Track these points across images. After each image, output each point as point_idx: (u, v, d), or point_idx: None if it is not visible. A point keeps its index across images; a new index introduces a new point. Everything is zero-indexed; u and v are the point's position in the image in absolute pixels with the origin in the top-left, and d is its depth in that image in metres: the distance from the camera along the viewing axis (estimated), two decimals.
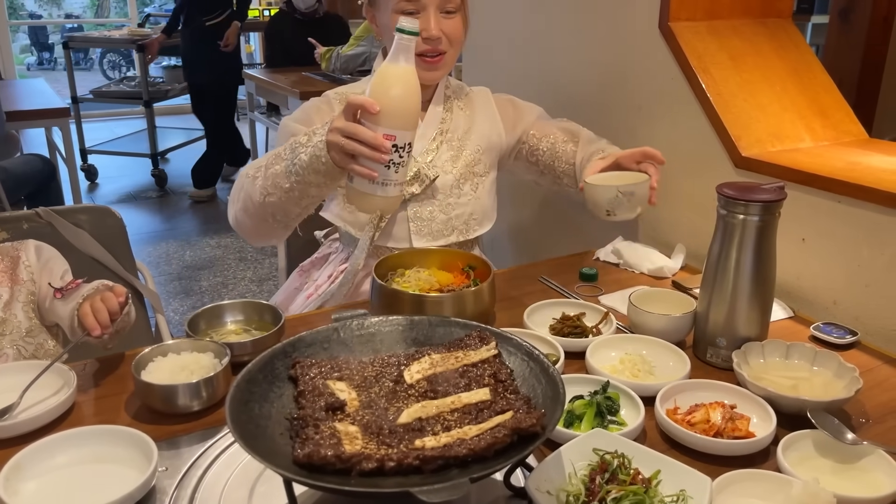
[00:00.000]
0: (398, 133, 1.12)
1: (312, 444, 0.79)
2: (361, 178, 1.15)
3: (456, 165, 1.56)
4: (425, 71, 1.46)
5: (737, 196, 1.16)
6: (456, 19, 1.46)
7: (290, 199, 1.30)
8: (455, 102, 1.61)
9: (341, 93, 1.57)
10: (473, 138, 1.59)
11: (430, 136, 1.56)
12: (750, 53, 1.66)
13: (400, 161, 1.14)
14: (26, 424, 1.00)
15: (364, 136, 1.12)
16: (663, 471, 0.91)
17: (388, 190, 1.16)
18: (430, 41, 1.43)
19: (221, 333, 1.25)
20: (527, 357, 0.96)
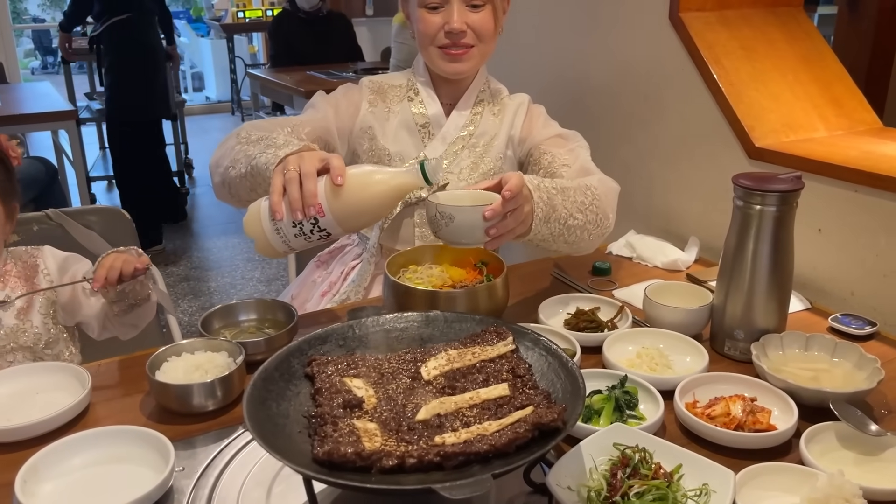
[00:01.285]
0: (329, 221, 1.07)
1: (332, 442, 0.78)
2: (267, 209, 1.10)
3: (474, 174, 1.50)
4: (448, 63, 1.43)
5: (753, 186, 1.14)
6: (484, 13, 1.41)
7: (243, 185, 1.28)
8: (488, 107, 1.54)
9: (376, 81, 1.55)
10: (497, 146, 1.52)
11: (449, 139, 1.51)
12: (761, 43, 1.64)
13: (307, 234, 1.09)
14: (42, 426, 0.99)
15: (307, 187, 1.06)
16: (685, 465, 0.90)
17: (274, 238, 1.10)
18: (452, 35, 1.40)
19: (235, 332, 1.24)
20: (545, 352, 0.94)
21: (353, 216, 1.10)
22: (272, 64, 4.98)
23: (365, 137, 1.51)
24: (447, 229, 1.09)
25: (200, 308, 3.55)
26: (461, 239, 1.11)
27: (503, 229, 1.10)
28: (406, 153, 1.51)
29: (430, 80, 1.52)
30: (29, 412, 1.02)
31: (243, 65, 7.99)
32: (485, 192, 1.12)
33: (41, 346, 1.27)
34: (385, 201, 1.10)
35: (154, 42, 4.12)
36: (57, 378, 1.12)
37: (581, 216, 1.24)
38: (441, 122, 1.51)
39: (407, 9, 1.49)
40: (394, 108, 1.52)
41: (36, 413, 1.01)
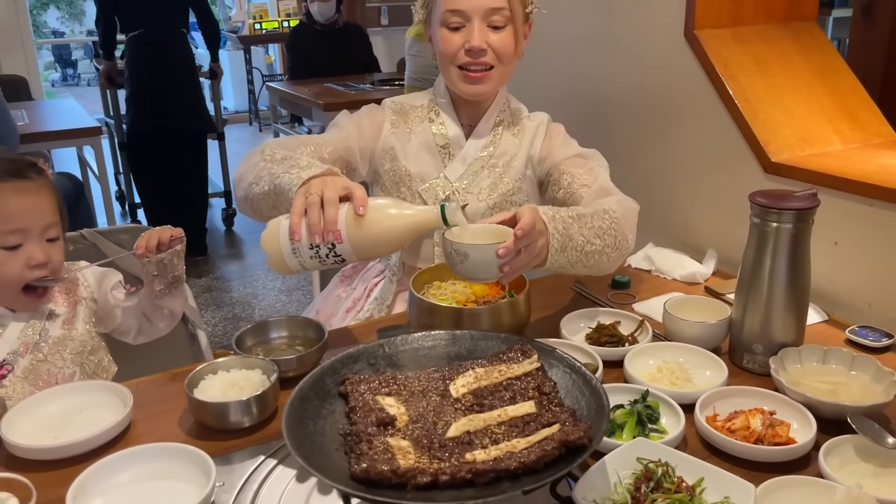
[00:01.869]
0: (346, 249, 1.12)
1: (368, 460, 0.82)
2: (287, 228, 1.14)
3: (493, 194, 1.51)
4: (467, 85, 1.45)
5: (770, 204, 1.17)
6: (504, 34, 1.42)
7: (265, 202, 1.32)
8: (507, 127, 1.55)
9: (398, 102, 1.58)
10: (516, 166, 1.53)
11: (469, 160, 1.53)
12: (776, 58, 1.67)
13: (323, 258, 1.13)
14: (88, 443, 1.04)
15: (329, 212, 1.10)
16: (706, 478, 0.93)
17: (292, 262, 1.15)
18: (472, 53, 1.42)
19: (267, 349, 1.29)
20: (569, 369, 0.98)
21: (370, 247, 1.14)
22: (290, 76, 5.04)
23: (387, 158, 1.55)
24: (462, 266, 1.12)
25: (223, 319, 3.61)
26: (476, 275, 1.13)
27: (517, 265, 1.11)
28: (427, 174, 1.54)
29: (450, 100, 1.55)
30: (74, 430, 1.06)
31: (260, 76, 8.09)
32: (500, 228, 1.14)
33: (86, 353, 1.33)
34: (402, 236, 1.14)
35: (173, 56, 4.05)
36: (98, 396, 1.16)
37: (599, 241, 1.26)
38: (461, 143, 1.54)
39: (429, 30, 1.52)
40: (415, 128, 1.56)
41: (80, 431, 1.05)
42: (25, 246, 1.22)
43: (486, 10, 1.40)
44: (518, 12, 1.43)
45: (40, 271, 1.23)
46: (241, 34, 7.46)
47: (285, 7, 7.70)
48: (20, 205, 1.21)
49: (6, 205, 1.20)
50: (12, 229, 1.20)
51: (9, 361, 1.24)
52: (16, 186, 1.21)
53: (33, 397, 1.14)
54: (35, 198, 1.23)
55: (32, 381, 1.25)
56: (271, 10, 7.82)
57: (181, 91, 4.08)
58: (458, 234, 1.15)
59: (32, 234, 1.23)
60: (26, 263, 1.22)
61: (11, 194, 1.20)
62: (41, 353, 1.27)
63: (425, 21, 1.53)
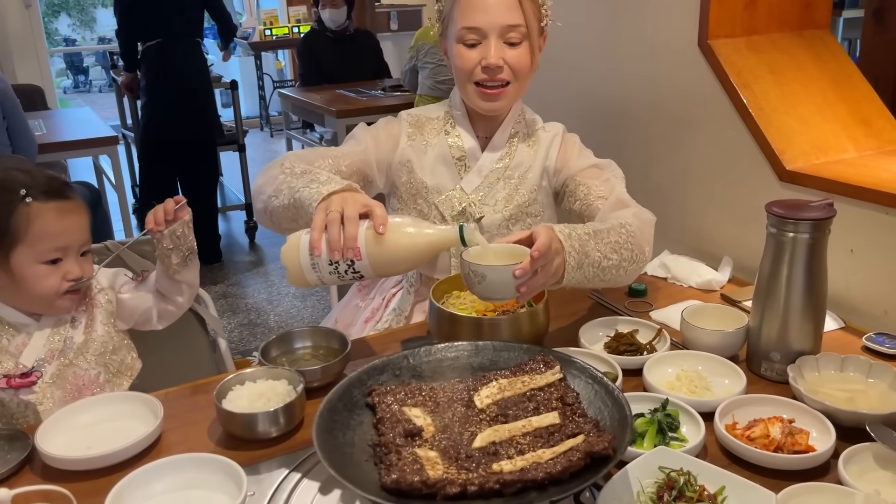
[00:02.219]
0: (364, 265, 1.14)
1: (398, 471, 0.84)
2: (307, 243, 1.16)
3: (509, 205, 1.53)
4: (484, 101, 1.47)
5: (786, 215, 1.19)
6: (520, 50, 1.44)
7: (284, 215, 1.35)
8: (523, 139, 1.57)
9: (414, 114, 1.60)
10: (532, 177, 1.55)
11: (485, 172, 1.55)
12: (789, 66, 1.68)
13: (341, 273, 1.15)
14: (122, 454, 1.06)
15: (349, 230, 1.12)
16: (727, 487, 0.95)
17: (309, 272, 1.17)
18: (489, 70, 1.43)
19: (292, 359, 1.31)
20: (591, 380, 1.00)
21: (388, 264, 1.16)
22: (301, 82, 5.07)
23: (403, 170, 1.57)
24: (480, 287, 1.13)
25: (239, 325, 3.64)
26: (494, 295, 1.15)
27: (533, 286, 1.13)
28: (443, 186, 1.56)
29: (466, 113, 1.57)
30: (107, 440, 1.09)
31: (271, 81, 8.14)
32: (517, 247, 1.16)
33: (108, 353, 1.37)
34: (420, 255, 1.16)
35: (187, 66, 4.08)
36: (128, 407, 1.19)
37: (616, 256, 1.28)
38: (477, 155, 1.56)
39: (444, 44, 1.54)
40: (431, 140, 1.57)
41: (113, 441, 1.08)
42: (64, 261, 1.28)
43: (502, 28, 1.41)
44: (534, 27, 1.45)
45: (74, 284, 1.29)
46: (252, 40, 7.51)
47: (295, 13, 7.75)
48: (63, 225, 1.26)
49: (51, 225, 1.25)
50: (55, 247, 1.26)
51: (37, 368, 1.28)
52: (59, 207, 1.26)
53: (66, 409, 1.17)
54: (75, 217, 1.29)
55: (60, 386, 1.29)
56: (281, 15, 7.87)
57: (194, 101, 4.12)
58: (476, 254, 1.16)
59: (71, 251, 1.29)
60: (64, 277, 1.27)
61: (56, 214, 1.25)
62: (66, 359, 1.31)
63: (441, 35, 1.54)
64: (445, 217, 1.54)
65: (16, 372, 1.26)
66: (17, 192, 1.22)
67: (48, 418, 1.14)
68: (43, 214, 1.24)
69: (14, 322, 1.29)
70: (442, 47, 1.56)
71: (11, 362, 1.26)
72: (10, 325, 1.28)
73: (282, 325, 3.64)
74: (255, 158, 5.96)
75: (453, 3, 1.46)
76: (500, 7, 1.41)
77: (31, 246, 1.24)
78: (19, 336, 1.28)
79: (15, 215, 1.22)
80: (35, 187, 1.24)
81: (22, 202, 1.22)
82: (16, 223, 1.23)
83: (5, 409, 1.25)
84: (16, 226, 1.23)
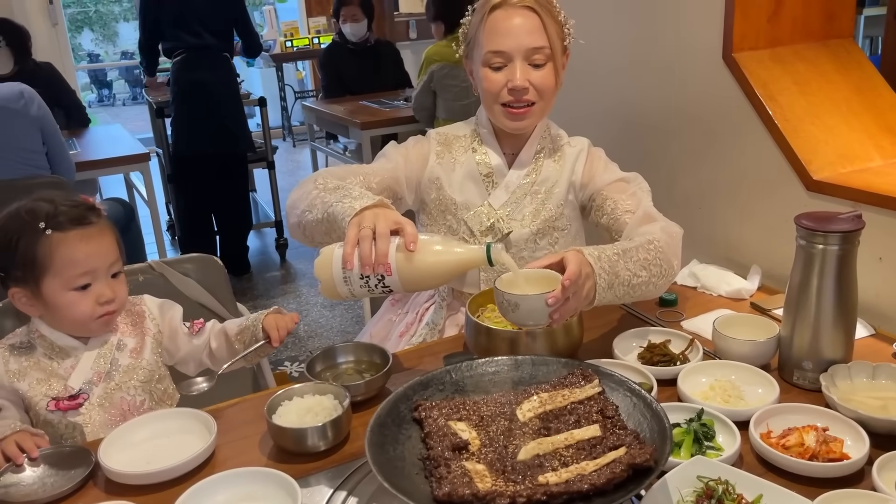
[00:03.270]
0: (394, 281, 1.18)
1: (448, 484, 0.89)
2: (340, 257, 1.20)
3: (536, 220, 1.56)
4: (510, 121, 1.51)
5: (815, 227, 1.22)
6: (545, 71, 1.47)
7: (318, 229, 1.39)
8: (549, 154, 1.60)
9: (442, 133, 1.64)
10: (558, 192, 1.57)
11: (512, 187, 1.58)
12: (814, 77, 1.71)
13: (372, 287, 1.20)
14: (181, 468, 1.11)
15: (380, 246, 1.16)
16: (765, 495, 0.98)
17: (341, 285, 1.21)
18: (515, 92, 1.46)
19: (336, 374, 1.36)
20: (629, 393, 1.04)
21: (417, 280, 1.20)
22: (324, 94, 5.14)
23: (433, 187, 1.61)
24: (514, 314, 1.18)
25: None
26: (527, 322, 1.20)
27: (566, 312, 1.18)
28: (471, 202, 1.59)
29: (492, 130, 1.60)
30: (165, 456, 1.14)
31: (293, 92, 8.23)
32: (548, 273, 1.20)
33: (154, 381, 1.41)
34: (449, 273, 1.21)
35: (216, 80, 4.09)
36: (183, 423, 1.24)
37: (645, 273, 1.31)
38: (504, 171, 1.59)
39: (470, 66, 1.57)
40: (459, 158, 1.61)
41: (171, 456, 1.13)
42: (94, 285, 1.30)
43: (527, 51, 1.45)
44: (557, 47, 1.48)
45: (108, 306, 1.32)
46: (273, 52, 7.60)
47: (315, 24, 7.84)
48: (87, 250, 1.29)
49: (74, 252, 1.28)
50: (81, 273, 1.29)
51: (84, 390, 1.33)
52: (81, 234, 1.29)
53: (125, 425, 1.22)
54: (99, 241, 1.31)
55: (107, 409, 1.33)
56: (301, 27, 7.96)
57: (222, 115, 4.14)
58: (508, 282, 1.21)
59: (100, 274, 1.31)
60: (96, 301, 1.30)
61: (78, 241, 1.28)
62: (113, 382, 1.35)
63: (466, 56, 1.58)
64: (474, 232, 1.58)
65: (64, 395, 1.31)
66: (38, 224, 1.26)
67: (109, 435, 1.19)
68: (65, 243, 1.27)
69: (63, 346, 1.34)
70: (467, 68, 1.60)
71: (61, 385, 1.31)
72: (60, 348, 1.34)
73: (311, 335, 3.70)
74: (280, 169, 6.03)
75: (479, 26, 1.49)
76: (525, 30, 1.45)
77: (57, 275, 1.28)
78: (68, 360, 1.33)
79: (39, 247, 1.26)
80: (56, 216, 1.28)
81: (43, 234, 1.26)
82: (41, 255, 1.27)
83: (54, 429, 1.31)
84: (41, 257, 1.27)
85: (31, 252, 1.27)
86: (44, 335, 1.34)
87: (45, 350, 1.33)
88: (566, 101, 2.32)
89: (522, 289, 1.19)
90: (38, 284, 1.29)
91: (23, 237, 1.27)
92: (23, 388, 1.30)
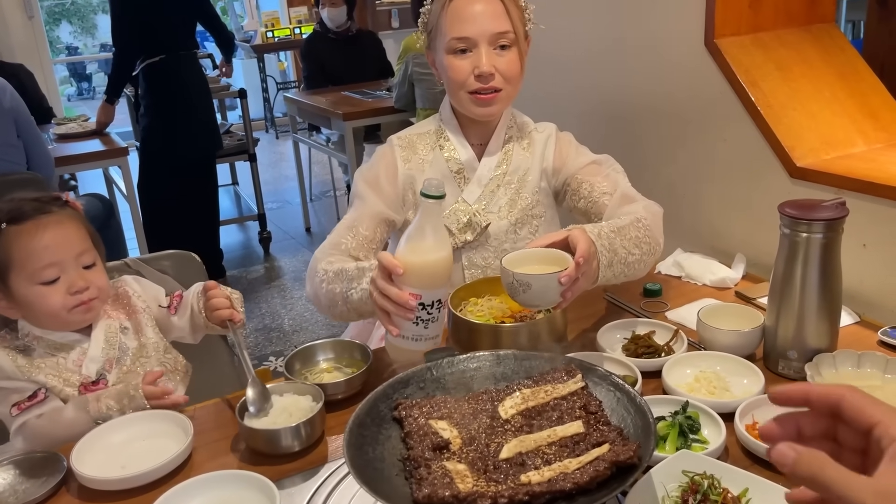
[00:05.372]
0: (424, 293, 1.16)
1: (429, 485, 0.86)
2: (388, 334, 1.20)
3: (513, 210, 1.55)
4: (478, 107, 1.48)
5: (799, 215, 1.20)
6: (510, 55, 1.46)
7: (353, 315, 1.38)
8: (517, 143, 1.58)
9: (403, 136, 1.60)
10: (531, 180, 1.56)
11: (484, 181, 1.56)
12: (797, 62, 1.69)
13: (429, 317, 1.18)
14: (156, 472, 1.09)
15: (391, 294, 1.15)
16: (751, 489, 0.97)
17: (419, 344, 1.20)
18: (482, 78, 1.44)
19: (315, 372, 1.33)
20: (613, 387, 1.02)
21: (433, 275, 1.17)
22: (306, 85, 5.09)
23: (409, 190, 1.56)
24: (524, 295, 1.15)
25: (254, 330, 3.67)
26: (538, 303, 1.17)
27: (577, 290, 1.16)
28: (446, 201, 1.56)
29: (457, 124, 1.57)
30: (140, 460, 1.11)
31: (274, 83, 8.16)
32: (556, 252, 1.18)
33: (162, 353, 1.41)
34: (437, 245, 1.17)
35: (192, 80, 3.94)
36: (159, 425, 1.21)
37: (637, 251, 1.30)
38: (474, 165, 1.56)
39: (432, 56, 1.54)
40: (426, 157, 1.57)
41: (145, 460, 1.10)
42: (63, 277, 1.27)
43: (492, 36, 1.43)
44: (520, 32, 1.46)
45: (81, 295, 1.28)
46: (254, 43, 7.53)
47: (296, 14, 7.77)
48: (46, 240, 1.25)
49: (32, 243, 1.25)
50: (45, 265, 1.25)
51: (101, 378, 1.31)
52: (37, 223, 1.26)
53: (98, 429, 1.19)
54: (58, 230, 1.27)
55: None
56: (282, 17, 7.88)
57: (199, 116, 3.98)
58: (515, 261, 1.18)
59: (67, 264, 1.27)
60: (67, 291, 1.26)
61: (34, 232, 1.25)
62: (125, 366, 1.33)
63: (427, 47, 1.55)
64: (452, 230, 1.55)
65: (88, 380, 1.29)
66: None
67: (80, 440, 1.16)
68: (21, 235, 1.24)
69: (62, 342, 1.31)
70: (429, 59, 1.56)
71: (77, 375, 1.29)
72: (61, 345, 1.30)
73: (296, 330, 3.67)
74: (262, 161, 5.98)
75: (440, 14, 1.46)
76: (488, 16, 1.43)
77: (21, 269, 1.25)
78: (73, 353, 1.31)
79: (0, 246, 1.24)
80: (12, 211, 1.25)
81: (1, 231, 1.24)
82: (1, 252, 1.24)
83: None
84: (2, 254, 1.24)
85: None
86: (38, 336, 1.30)
87: (45, 349, 1.30)
88: (543, 88, 2.30)
89: (528, 269, 1.16)
90: (5, 283, 1.26)
91: None
92: (41, 380, 1.27)
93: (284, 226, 5.28)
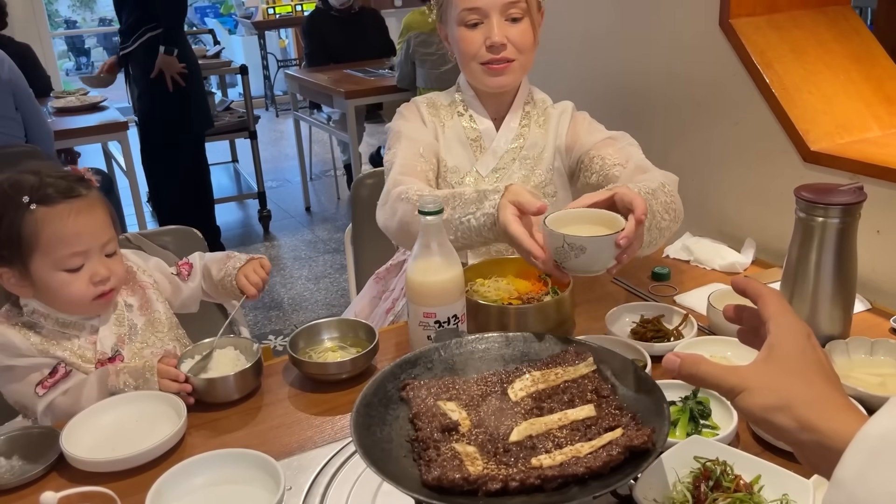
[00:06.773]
0: (438, 310, 1.15)
1: (438, 467, 0.85)
2: None
3: (526, 185, 1.51)
4: (490, 77, 1.47)
5: (815, 199, 1.18)
6: (522, 25, 1.44)
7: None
8: (534, 118, 1.56)
9: (427, 97, 1.61)
10: (546, 157, 1.55)
11: (500, 152, 1.54)
12: (812, 45, 1.66)
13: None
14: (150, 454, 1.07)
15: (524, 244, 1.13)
16: (763, 475, 0.95)
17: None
18: (493, 49, 1.43)
19: (320, 351, 1.32)
20: (624, 370, 1.00)
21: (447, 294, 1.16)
22: (308, 63, 5.04)
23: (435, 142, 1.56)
24: (577, 260, 1.07)
25: (252, 308, 3.65)
26: (591, 268, 1.09)
27: (631, 253, 1.09)
28: (461, 166, 1.55)
29: (475, 95, 1.56)
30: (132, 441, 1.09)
31: (275, 60, 8.09)
32: (601, 212, 1.12)
33: (175, 327, 1.41)
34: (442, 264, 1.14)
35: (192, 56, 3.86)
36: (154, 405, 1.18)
37: (668, 216, 1.28)
38: (492, 135, 1.56)
39: (444, 30, 1.53)
40: (447, 122, 1.57)
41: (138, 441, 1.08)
42: (87, 265, 1.23)
43: (503, 5, 1.42)
44: (533, 3, 1.45)
45: (104, 285, 1.25)
46: (255, 19, 7.45)
47: None
48: (77, 227, 1.21)
49: (64, 227, 1.19)
50: (73, 252, 1.21)
51: (118, 352, 1.29)
52: (69, 207, 1.20)
53: (89, 409, 1.15)
54: (90, 217, 1.23)
55: None
56: None
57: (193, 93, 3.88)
58: (559, 223, 1.10)
59: (93, 252, 1.24)
60: (90, 280, 1.23)
61: (66, 216, 1.20)
62: (136, 344, 1.32)
63: (439, 21, 1.54)
64: None
65: (104, 356, 1.28)
66: (22, 198, 1.17)
67: (71, 420, 1.12)
68: (52, 219, 1.18)
69: (74, 322, 1.28)
70: (441, 33, 1.55)
71: (92, 351, 1.27)
72: (73, 324, 1.28)
73: (296, 308, 3.65)
74: (263, 139, 5.93)
75: None
76: None
77: (46, 254, 1.19)
78: (85, 332, 1.29)
79: (24, 224, 1.18)
80: (41, 189, 1.19)
81: (28, 210, 1.17)
82: (27, 232, 1.18)
83: None
84: (27, 235, 1.18)
85: (15, 229, 1.18)
86: (45, 313, 1.26)
87: (53, 326, 1.27)
88: (558, 68, 2.27)
89: (577, 231, 1.08)
90: (25, 265, 1.21)
91: (6, 213, 1.18)
92: (60, 355, 1.25)
93: (284, 204, 5.25)
